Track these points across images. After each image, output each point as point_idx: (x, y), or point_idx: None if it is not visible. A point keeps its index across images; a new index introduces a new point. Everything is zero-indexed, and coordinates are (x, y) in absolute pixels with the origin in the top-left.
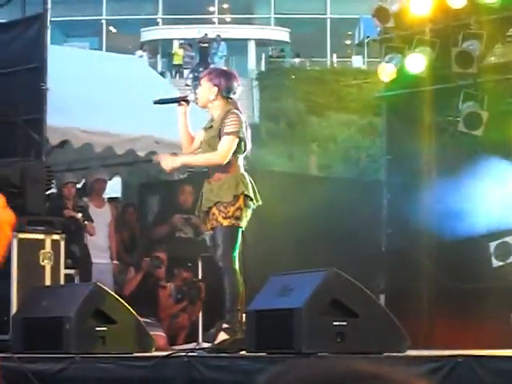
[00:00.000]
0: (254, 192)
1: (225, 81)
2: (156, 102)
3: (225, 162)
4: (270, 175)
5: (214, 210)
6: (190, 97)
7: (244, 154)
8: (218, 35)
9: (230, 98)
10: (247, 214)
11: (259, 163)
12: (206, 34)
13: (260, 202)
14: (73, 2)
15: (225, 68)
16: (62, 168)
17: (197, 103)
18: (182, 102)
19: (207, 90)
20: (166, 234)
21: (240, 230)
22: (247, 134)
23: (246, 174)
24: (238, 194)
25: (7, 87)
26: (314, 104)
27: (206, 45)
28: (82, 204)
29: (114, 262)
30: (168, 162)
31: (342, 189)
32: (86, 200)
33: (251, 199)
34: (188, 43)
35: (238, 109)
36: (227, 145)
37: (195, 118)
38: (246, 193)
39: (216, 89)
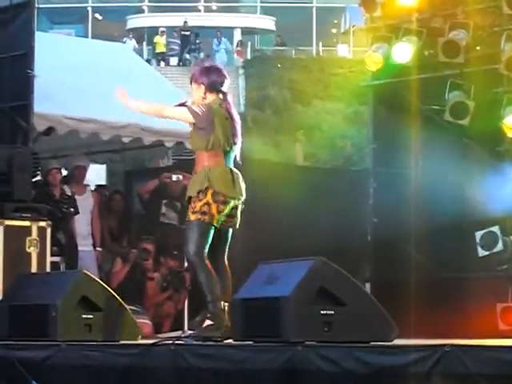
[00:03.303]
0: (232, 187)
1: (207, 76)
2: None
3: (158, 115)
4: (256, 164)
5: (189, 204)
6: (188, 101)
7: (223, 149)
8: (219, 31)
9: (220, 91)
10: (220, 210)
11: (245, 151)
12: (186, 22)
13: (241, 198)
14: None
15: (207, 64)
16: (47, 155)
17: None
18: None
19: (196, 91)
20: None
21: (210, 225)
22: (229, 130)
23: (224, 170)
24: (202, 189)
25: None
26: (300, 92)
27: (188, 33)
28: (69, 194)
29: (98, 249)
30: (126, 101)
31: (328, 178)
32: (72, 190)
33: (225, 195)
34: (174, 30)
35: (225, 102)
36: (175, 110)
37: None
38: (214, 188)
39: (202, 86)
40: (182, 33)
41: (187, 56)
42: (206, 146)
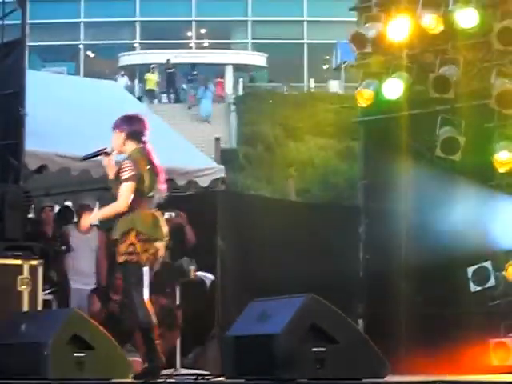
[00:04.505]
0: (155, 229)
1: (129, 125)
2: (84, 159)
3: (126, 208)
4: (249, 199)
5: (115, 247)
6: (108, 148)
7: (148, 195)
8: (206, 78)
9: (140, 141)
10: (146, 249)
11: (238, 187)
12: (169, 60)
13: (164, 239)
14: (50, 26)
15: (131, 113)
16: (40, 193)
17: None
18: (102, 154)
19: (117, 138)
20: None
21: (138, 264)
22: (151, 176)
23: (147, 213)
24: (125, 231)
25: None
26: (292, 128)
27: (172, 70)
28: (62, 231)
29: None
30: (86, 222)
31: (321, 214)
32: (66, 227)
33: (148, 235)
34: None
35: (143, 152)
36: (125, 191)
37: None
38: (137, 229)
39: (123, 134)
40: (167, 71)
41: (184, 86)
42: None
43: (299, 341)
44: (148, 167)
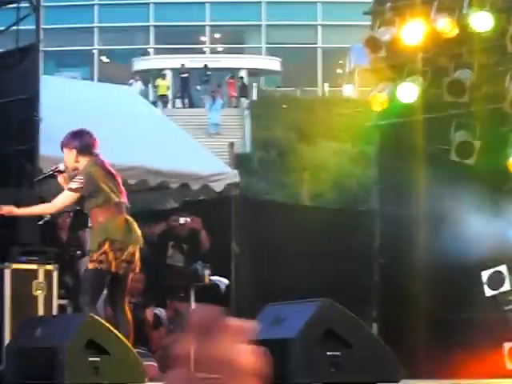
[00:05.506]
0: (129, 235)
1: (79, 140)
2: (37, 181)
3: (53, 212)
4: (262, 204)
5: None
6: (61, 166)
7: (113, 202)
8: (214, 92)
9: (92, 154)
10: (117, 257)
11: (251, 192)
12: (183, 65)
13: (138, 244)
14: (64, 32)
15: (76, 129)
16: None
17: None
18: (56, 173)
19: (68, 155)
20: (162, 232)
21: (106, 272)
22: (112, 182)
23: (119, 220)
24: (101, 242)
25: (0, 117)
26: (306, 133)
27: (186, 75)
28: (76, 236)
29: None
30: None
31: (334, 218)
32: (82, 232)
33: (121, 243)
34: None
35: (98, 163)
36: (62, 199)
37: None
38: (111, 238)
39: (74, 151)
40: (181, 75)
41: (198, 88)
42: (98, 204)
43: (314, 345)
44: (105, 175)
